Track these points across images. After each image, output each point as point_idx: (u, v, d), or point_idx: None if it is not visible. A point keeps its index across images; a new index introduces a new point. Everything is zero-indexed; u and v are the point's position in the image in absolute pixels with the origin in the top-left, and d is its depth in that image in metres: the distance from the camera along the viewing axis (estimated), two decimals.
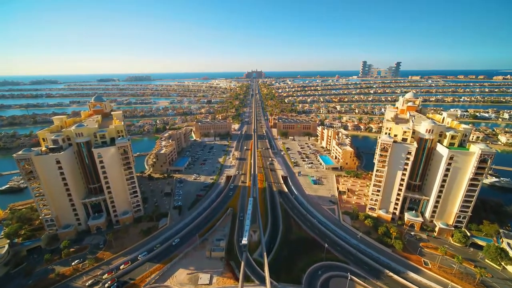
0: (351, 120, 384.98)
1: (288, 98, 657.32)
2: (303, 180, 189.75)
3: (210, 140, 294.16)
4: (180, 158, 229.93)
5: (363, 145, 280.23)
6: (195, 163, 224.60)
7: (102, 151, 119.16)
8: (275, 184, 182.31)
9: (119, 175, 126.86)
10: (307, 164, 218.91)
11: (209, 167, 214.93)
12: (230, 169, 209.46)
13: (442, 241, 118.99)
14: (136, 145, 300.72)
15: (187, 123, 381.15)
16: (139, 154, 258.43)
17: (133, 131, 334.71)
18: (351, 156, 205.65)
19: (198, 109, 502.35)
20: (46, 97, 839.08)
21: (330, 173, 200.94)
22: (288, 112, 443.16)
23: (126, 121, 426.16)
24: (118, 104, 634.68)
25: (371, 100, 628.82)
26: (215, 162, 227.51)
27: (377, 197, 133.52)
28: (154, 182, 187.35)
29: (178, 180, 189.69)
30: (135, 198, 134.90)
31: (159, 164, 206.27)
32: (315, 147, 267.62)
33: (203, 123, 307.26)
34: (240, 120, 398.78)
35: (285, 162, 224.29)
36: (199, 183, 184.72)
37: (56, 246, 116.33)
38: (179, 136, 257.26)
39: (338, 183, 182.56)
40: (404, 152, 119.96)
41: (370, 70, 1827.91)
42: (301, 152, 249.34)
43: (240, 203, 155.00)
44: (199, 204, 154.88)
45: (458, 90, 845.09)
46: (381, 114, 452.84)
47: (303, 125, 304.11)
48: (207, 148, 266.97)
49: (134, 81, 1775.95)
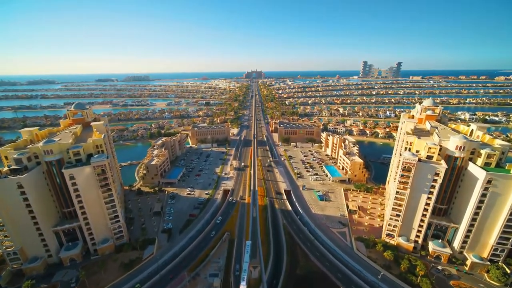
0: (355, 124, 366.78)
1: (289, 100, 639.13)
2: (308, 195, 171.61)
3: (207, 147, 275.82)
4: (173, 168, 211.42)
5: (370, 152, 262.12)
6: (190, 174, 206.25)
7: (74, 171, 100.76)
8: (277, 200, 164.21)
9: (96, 198, 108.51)
10: (312, 175, 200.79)
11: (205, 179, 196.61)
12: (228, 182, 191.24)
13: (476, 279, 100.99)
14: (129, 152, 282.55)
15: (183, 127, 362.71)
16: (130, 163, 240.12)
17: (126, 137, 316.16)
18: (360, 167, 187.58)
19: (195, 112, 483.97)
20: (41, 98, 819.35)
21: (337, 187, 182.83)
22: (289, 115, 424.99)
23: (120, 124, 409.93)
24: (113, 106, 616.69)
25: (374, 102, 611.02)
26: (211, 173, 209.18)
27: (396, 222, 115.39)
28: (144, 198, 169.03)
29: (170, 195, 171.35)
30: (117, 224, 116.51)
31: (149, 176, 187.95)
32: (319, 155, 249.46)
33: (199, 128, 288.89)
34: (239, 124, 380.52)
35: (287, 173, 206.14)
36: (193, 199, 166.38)
37: (19, 285, 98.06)
38: (173, 143, 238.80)
39: (347, 199, 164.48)
40: (431, 172, 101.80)
41: (370, 70, 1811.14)
42: (304, 161, 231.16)
43: (239, 224, 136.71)
44: (192, 226, 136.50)
45: (462, 91, 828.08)
46: (386, 117, 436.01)
47: (306, 131, 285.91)
48: (203, 156, 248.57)
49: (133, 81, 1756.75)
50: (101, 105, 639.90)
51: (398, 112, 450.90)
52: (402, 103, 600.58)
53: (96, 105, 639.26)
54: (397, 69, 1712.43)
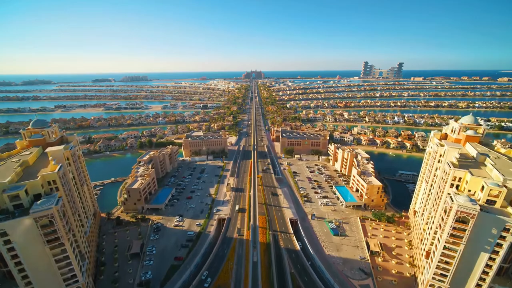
0: (363, 132, 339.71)
1: (290, 103, 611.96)
2: (318, 226, 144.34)
3: (201, 160, 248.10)
4: (161, 189, 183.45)
5: (383, 167, 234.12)
6: (180, 196, 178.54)
7: (6, 226, 73.00)
8: (282, 234, 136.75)
9: (42, 255, 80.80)
10: (321, 198, 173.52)
11: (197, 204, 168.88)
12: (224, 207, 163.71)
13: None
14: (115, 164, 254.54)
15: (177, 136, 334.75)
16: (114, 180, 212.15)
17: (113, 147, 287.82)
18: (379, 191, 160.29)
19: (191, 116, 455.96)
20: (32, 100, 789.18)
21: (352, 215, 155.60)
22: (291, 121, 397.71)
23: (110, 131, 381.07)
24: (106, 109, 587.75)
25: (379, 106, 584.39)
26: (205, 194, 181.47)
27: (442, 284, 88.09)
28: (122, 230, 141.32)
29: (154, 226, 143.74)
30: (75, 285, 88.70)
31: (131, 201, 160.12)
32: (327, 171, 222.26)
33: (193, 138, 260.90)
34: (238, 131, 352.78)
35: (292, 195, 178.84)
36: (181, 233, 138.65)
37: None
38: (162, 158, 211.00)
39: (366, 233, 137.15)
40: (498, 227, 74.57)
41: (371, 71, 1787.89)
42: (311, 179, 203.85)
43: (235, 276, 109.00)
44: (177, 277, 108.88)
45: (468, 94, 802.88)
46: (394, 123, 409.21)
47: (311, 142, 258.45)
48: (197, 172, 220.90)
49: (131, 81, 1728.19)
50: (94, 108, 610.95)
51: (407, 117, 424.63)
52: (408, 107, 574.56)
53: (88, 108, 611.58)
54: (399, 69, 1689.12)
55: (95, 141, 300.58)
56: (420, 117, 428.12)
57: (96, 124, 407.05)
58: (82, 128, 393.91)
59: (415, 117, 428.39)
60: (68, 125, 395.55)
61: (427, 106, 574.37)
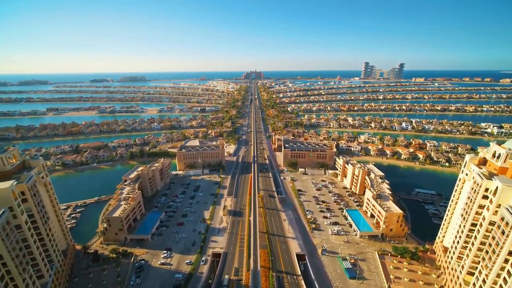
0: (371, 140, 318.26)
1: (291, 106, 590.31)
2: (330, 265, 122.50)
3: (196, 174, 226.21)
4: (148, 213, 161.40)
5: (396, 182, 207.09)
6: (169, 222, 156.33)
7: None
8: (287, 276, 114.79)
9: None
10: (331, 225, 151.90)
11: (189, 232, 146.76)
12: (219, 237, 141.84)
13: None
14: (102, 178, 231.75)
15: (171, 144, 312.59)
16: (98, 199, 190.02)
17: (101, 158, 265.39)
18: (399, 220, 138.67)
19: (188, 121, 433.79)
20: (25, 102, 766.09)
21: (368, 247, 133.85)
22: (293, 127, 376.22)
23: (102, 138, 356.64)
24: (100, 112, 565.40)
25: (384, 109, 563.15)
26: (198, 219, 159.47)
27: None
28: (99, 270, 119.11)
29: (137, 264, 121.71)
30: None
31: (112, 231, 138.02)
32: (335, 188, 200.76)
33: (188, 150, 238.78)
34: (237, 139, 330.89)
35: (298, 221, 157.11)
36: (168, 275, 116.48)
37: None
38: (152, 175, 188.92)
39: (388, 275, 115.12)
40: None
41: (372, 71, 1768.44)
42: (318, 199, 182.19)
43: None
44: None
45: (473, 96, 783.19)
46: (402, 129, 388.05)
47: (316, 154, 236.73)
48: (190, 189, 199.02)
49: (129, 82, 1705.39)
50: (87, 111, 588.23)
51: (415, 123, 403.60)
52: (413, 111, 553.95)
53: (81, 111, 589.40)
54: (400, 70, 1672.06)
55: (82, 151, 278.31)
56: (429, 123, 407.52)
57: (86, 130, 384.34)
58: (71, 134, 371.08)
59: (423, 123, 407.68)
60: (57, 131, 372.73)
61: (433, 110, 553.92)
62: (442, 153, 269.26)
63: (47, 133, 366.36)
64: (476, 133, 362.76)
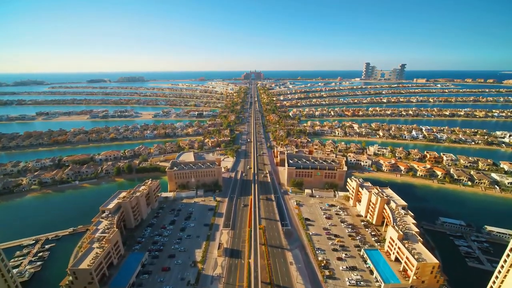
0: (380, 152, 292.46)
1: (293, 110, 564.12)
2: None
3: (189, 196, 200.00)
4: (128, 255, 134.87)
5: (415, 205, 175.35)
6: (154, 265, 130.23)
7: None
8: None
9: None
10: (348, 271, 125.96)
11: (176, 281, 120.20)
12: None
13: None
14: (84, 199, 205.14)
15: (164, 157, 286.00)
16: (73, 230, 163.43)
17: (84, 175, 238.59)
18: (434, 271, 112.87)
19: (184, 128, 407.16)
20: (16, 104, 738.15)
21: None
22: (296, 136, 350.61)
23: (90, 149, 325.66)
24: (92, 117, 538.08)
25: (390, 114, 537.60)
26: (188, 261, 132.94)
27: None
28: None
29: None
30: None
31: (79, 286, 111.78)
32: (348, 215, 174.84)
33: (180, 168, 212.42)
34: (236, 150, 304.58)
35: (307, 264, 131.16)
36: None
37: None
38: (136, 202, 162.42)
39: None
40: None
41: (373, 72, 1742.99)
42: (329, 231, 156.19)
43: None
44: None
45: (480, 99, 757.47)
46: (412, 138, 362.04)
47: (324, 173, 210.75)
48: (181, 217, 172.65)
49: (127, 82, 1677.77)
50: (79, 115, 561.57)
51: (425, 131, 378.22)
52: (421, 116, 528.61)
53: (73, 116, 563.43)
54: (401, 71, 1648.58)
55: (64, 166, 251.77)
56: (440, 131, 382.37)
57: (74, 139, 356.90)
58: (57, 144, 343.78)
59: (434, 131, 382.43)
60: (42, 141, 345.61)
61: (441, 115, 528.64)
62: (462, 169, 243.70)
63: (30, 142, 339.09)
64: (492, 143, 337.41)
